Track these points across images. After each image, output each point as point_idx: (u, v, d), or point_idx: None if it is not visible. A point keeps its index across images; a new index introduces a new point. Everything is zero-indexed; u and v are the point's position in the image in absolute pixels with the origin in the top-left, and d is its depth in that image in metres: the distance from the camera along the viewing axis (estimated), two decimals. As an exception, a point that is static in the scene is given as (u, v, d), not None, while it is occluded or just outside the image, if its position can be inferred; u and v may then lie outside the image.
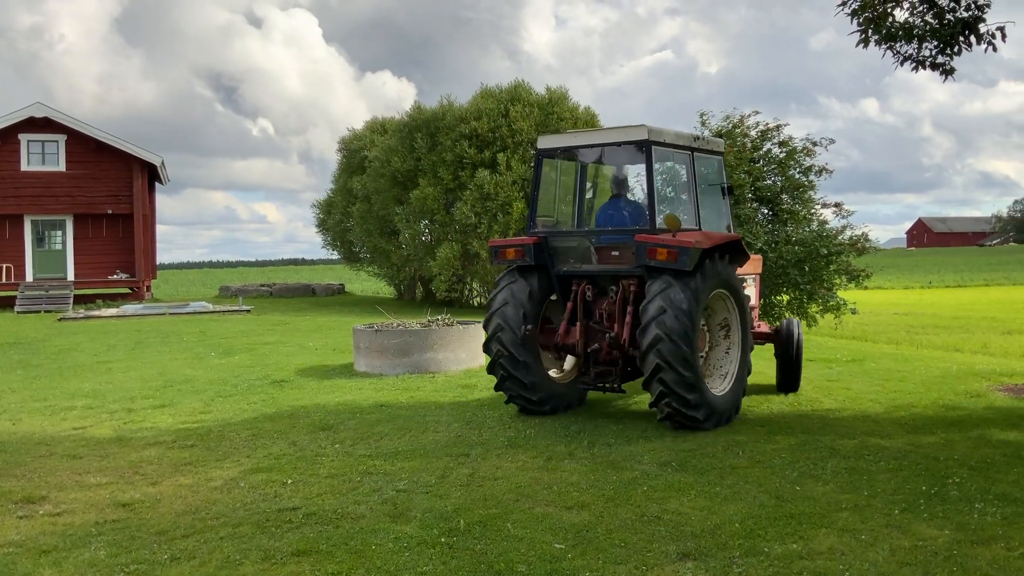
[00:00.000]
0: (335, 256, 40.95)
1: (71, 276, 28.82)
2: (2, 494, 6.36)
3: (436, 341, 12.22)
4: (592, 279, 9.13)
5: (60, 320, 22.42)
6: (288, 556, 4.96)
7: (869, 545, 5.09)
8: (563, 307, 9.18)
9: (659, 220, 8.69)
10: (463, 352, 12.46)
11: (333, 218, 37.40)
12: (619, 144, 9.07)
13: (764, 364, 11.48)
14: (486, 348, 9.17)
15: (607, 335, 8.80)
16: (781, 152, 19.66)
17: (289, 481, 6.59)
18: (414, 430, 8.42)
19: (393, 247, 30.94)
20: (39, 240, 29.09)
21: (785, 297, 19.33)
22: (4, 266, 28.24)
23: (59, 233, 29.18)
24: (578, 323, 9.03)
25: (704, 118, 20.21)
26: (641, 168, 9.70)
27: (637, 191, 10.68)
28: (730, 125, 19.86)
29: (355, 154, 35.00)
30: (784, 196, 19.30)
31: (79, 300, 27.81)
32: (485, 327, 9.14)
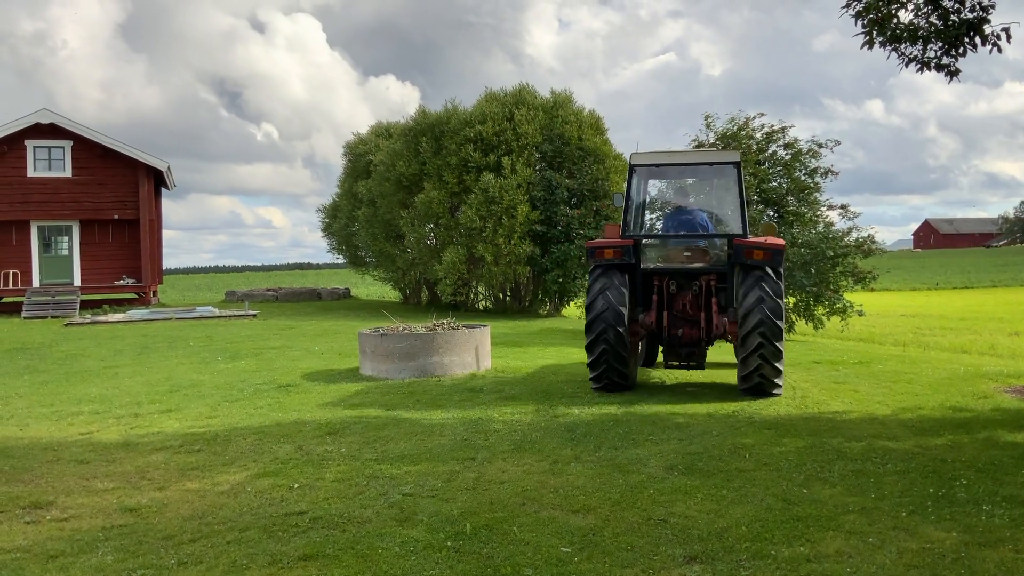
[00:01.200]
0: (341, 260, 41.02)
1: (78, 282, 28.91)
2: (9, 499, 6.37)
3: (442, 345, 12.22)
4: (673, 275, 10.86)
5: (67, 326, 22.48)
6: (295, 560, 4.96)
7: (876, 548, 5.08)
8: (644, 300, 10.89)
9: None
10: (468, 356, 12.46)
11: (339, 222, 37.45)
12: (711, 164, 11.59)
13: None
14: (591, 347, 10.49)
15: (694, 322, 10.74)
16: (787, 154, 19.63)
17: (295, 485, 6.60)
18: (420, 434, 8.42)
19: (398, 251, 30.97)
20: (46, 246, 29.18)
21: (791, 300, 19.29)
22: (11, 272, 28.34)
23: (65, 239, 29.27)
24: (664, 312, 10.81)
25: (709, 121, 20.19)
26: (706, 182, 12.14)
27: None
28: (735, 127, 19.83)
29: (360, 158, 35.06)
30: (790, 198, 19.27)
31: (86, 305, 27.88)
32: (589, 327, 10.48)
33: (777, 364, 10.07)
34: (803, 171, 19.45)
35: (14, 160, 28.13)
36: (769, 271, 10.19)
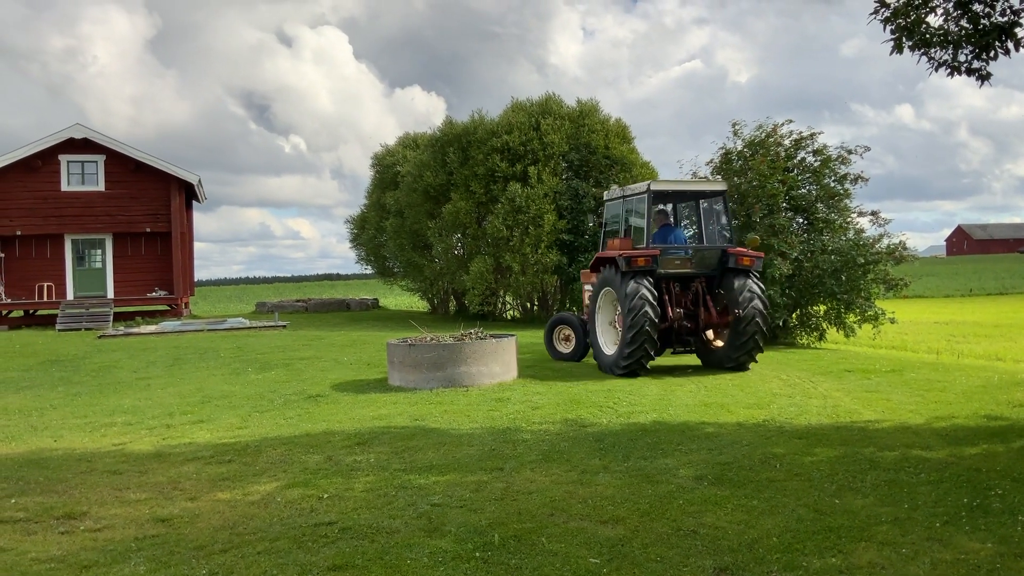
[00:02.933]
0: (369, 271, 41.25)
1: (111, 294, 29.30)
2: (44, 510, 6.47)
3: (470, 355, 12.24)
4: (677, 278, 13.65)
5: (100, 337, 22.79)
6: (324, 571, 4.98)
7: (910, 559, 5.01)
8: (659, 300, 13.26)
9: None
10: (496, 366, 12.47)
11: (367, 233, 37.67)
12: (708, 191, 14.33)
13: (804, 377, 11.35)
14: (632, 337, 12.76)
15: (693, 316, 13.65)
16: (816, 160, 19.46)
17: (325, 496, 6.63)
18: (448, 444, 8.43)
19: (426, 261, 31.08)
20: (79, 259, 29.61)
21: (822, 307, 19.10)
22: (45, 284, 28.79)
23: (99, 252, 29.70)
24: (673, 308, 13.53)
25: (736, 128, 20.08)
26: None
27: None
28: (763, 135, 19.70)
29: (388, 169, 35.27)
30: (819, 205, 19.08)
31: (119, 317, 28.25)
32: (632, 318, 12.73)
33: (761, 344, 13.43)
34: (832, 177, 19.27)
35: (48, 175, 28.61)
36: (755, 273, 13.53)
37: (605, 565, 5.01)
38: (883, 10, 8.19)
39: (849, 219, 19.21)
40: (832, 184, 19.24)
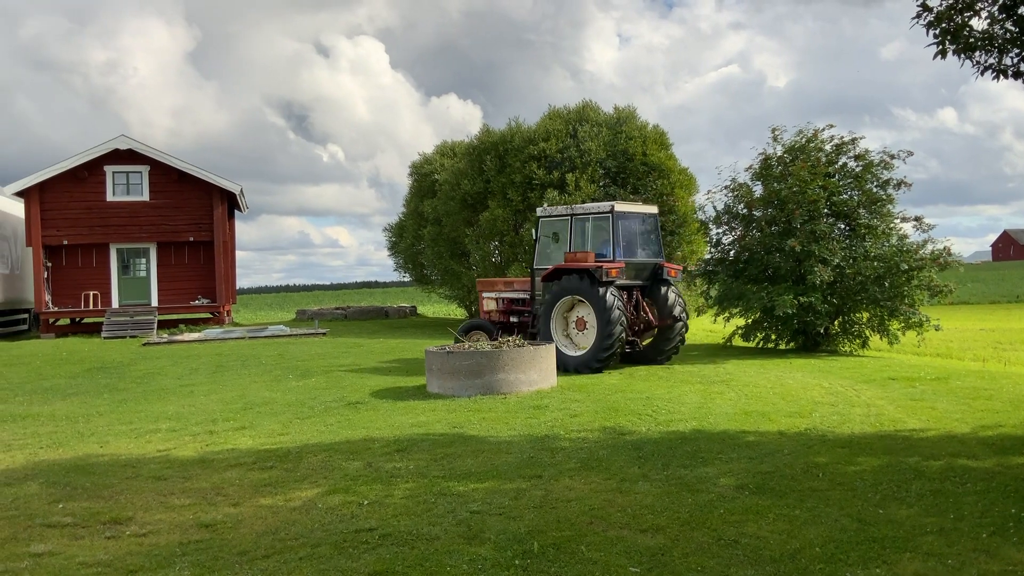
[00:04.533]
0: (407, 278, 41.46)
1: (155, 302, 29.76)
2: (91, 515, 6.59)
3: (507, 362, 12.26)
4: (624, 288, 15.55)
5: (144, 345, 23.17)
6: (365, 577, 5.02)
7: (956, 570, 4.92)
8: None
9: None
10: (534, 373, 12.47)
11: (405, 241, 37.88)
12: (649, 215, 16.42)
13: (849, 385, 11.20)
14: (610, 341, 14.55)
15: (644, 320, 15.84)
16: (858, 166, 19.22)
17: (365, 502, 6.68)
18: (487, 451, 8.44)
19: (464, 268, 31.17)
20: (124, 268, 30.13)
21: (864, 314, 18.84)
22: (91, 293, 29.34)
23: (143, 261, 30.19)
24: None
25: (776, 133, 19.91)
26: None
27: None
28: (804, 140, 19.51)
29: (425, 178, 35.45)
30: (861, 210, 18.84)
31: (162, 325, 28.70)
32: (609, 321, 14.53)
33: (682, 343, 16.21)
34: (875, 183, 19.01)
35: (94, 185, 29.16)
36: (676, 284, 16.29)
37: (645, 574, 4.99)
38: (926, 14, 8.07)
39: (892, 225, 18.94)
40: (874, 189, 18.99)
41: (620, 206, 15.60)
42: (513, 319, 16.97)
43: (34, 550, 5.73)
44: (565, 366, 14.70)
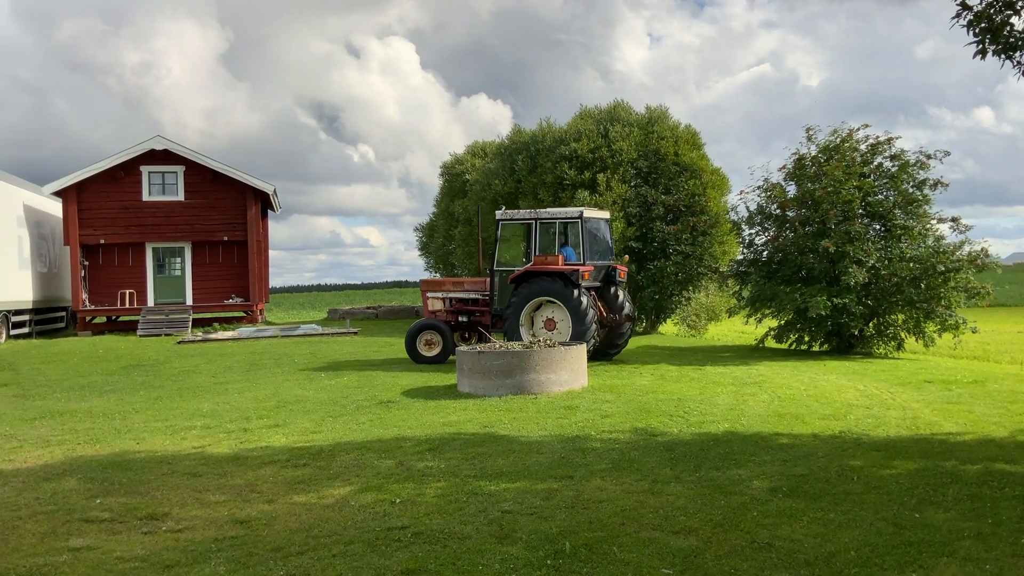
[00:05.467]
0: (438, 278, 41.57)
1: (189, 301, 30.11)
2: (128, 510, 6.69)
3: (538, 362, 12.25)
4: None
5: (179, 343, 23.46)
6: (398, 574, 5.05)
7: (993, 575, 4.85)
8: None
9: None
10: (565, 373, 12.45)
11: (436, 241, 38.03)
12: (605, 220, 17.39)
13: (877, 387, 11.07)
14: (586, 336, 15.39)
15: (604, 319, 16.63)
16: (893, 166, 18.99)
17: (397, 500, 6.71)
18: (518, 451, 8.45)
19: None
20: (159, 267, 30.53)
21: (900, 316, 18.61)
22: (127, 291, 29.75)
23: (178, 260, 30.57)
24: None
25: (810, 133, 19.72)
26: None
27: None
28: (838, 139, 19.31)
29: (456, 178, 35.57)
30: (897, 211, 18.61)
31: (197, 324, 29.04)
32: (584, 322, 15.56)
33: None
34: (911, 183, 18.77)
35: (130, 185, 29.57)
36: (623, 284, 17.17)
37: (678, 576, 4.96)
38: (965, 13, 7.96)
39: (928, 226, 18.69)
40: (910, 190, 18.75)
41: (588, 212, 16.62)
42: (462, 319, 17.51)
43: (73, 544, 5.82)
44: None
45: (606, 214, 17.73)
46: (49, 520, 6.46)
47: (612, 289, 16.89)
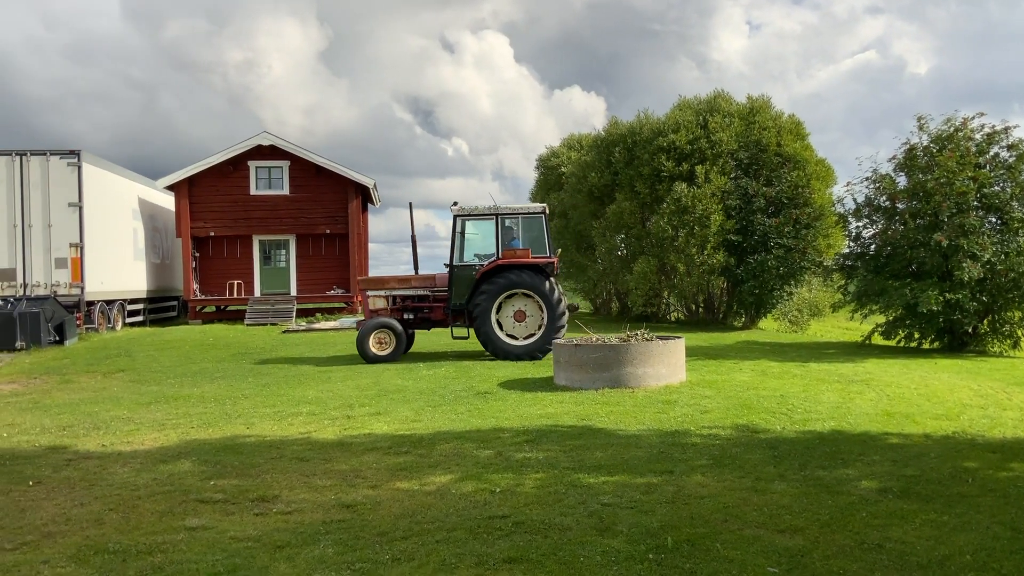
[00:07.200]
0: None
1: (294, 291, 31.03)
2: (240, 492, 6.95)
3: (635, 356, 12.17)
4: None
5: (284, 332, 24.21)
6: (500, 563, 5.10)
7: None
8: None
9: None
10: (663, 367, 12.33)
11: (531, 234, 38.06)
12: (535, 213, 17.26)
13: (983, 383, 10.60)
14: (561, 325, 16.30)
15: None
16: (1010, 156, 18.09)
17: (497, 490, 6.78)
18: (616, 445, 8.42)
19: (589, 262, 31.11)
20: (266, 258, 31.55)
21: (1017, 313, 17.75)
22: (235, 282, 30.86)
23: (283, 252, 31.54)
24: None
25: (922, 122, 18.97)
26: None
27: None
28: (951, 129, 18.52)
29: (552, 171, 35.57)
30: (1014, 203, 17.73)
31: (300, 314, 29.93)
32: (558, 312, 16.31)
33: None
34: (1030, 174, 17.86)
35: (239, 180, 30.64)
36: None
37: (784, 575, 4.86)
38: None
39: (1050, 219, 17.76)
40: (1030, 181, 17.85)
41: (542, 206, 17.24)
42: (408, 316, 17.41)
43: (189, 523, 6.09)
44: (507, 354, 16.31)
45: (538, 207, 17.56)
46: (166, 500, 6.77)
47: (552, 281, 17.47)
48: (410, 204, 18.47)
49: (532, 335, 16.50)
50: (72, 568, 5.20)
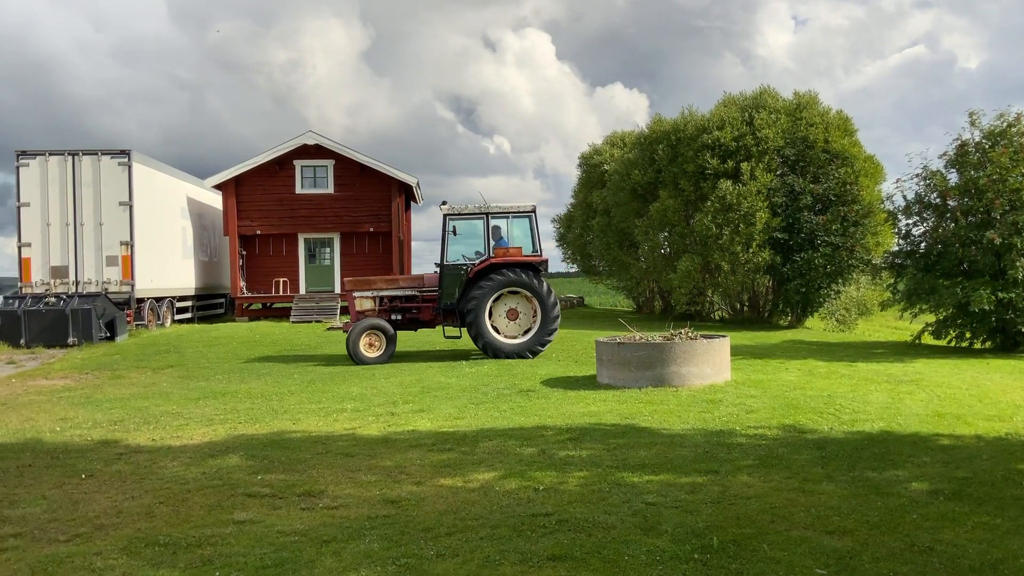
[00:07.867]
0: (574, 269, 41.66)
1: (338, 289, 31.35)
2: (287, 486, 7.04)
3: (679, 355, 12.08)
4: None
5: (329, 330, 24.45)
6: (544, 560, 5.10)
7: None
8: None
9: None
10: (707, 367, 12.23)
11: (573, 232, 38.07)
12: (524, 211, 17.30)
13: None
14: (555, 322, 16.54)
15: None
16: (1067, 151, 17.62)
17: (540, 488, 6.78)
18: (660, 444, 8.37)
19: (632, 260, 30.97)
20: (311, 256, 31.92)
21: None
22: (281, 280, 31.26)
23: (328, 250, 31.87)
24: None
25: (974, 118, 18.55)
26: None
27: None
28: (1005, 124, 18.09)
29: (594, 168, 35.47)
30: (1071, 200, 17.27)
31: (344, 311, 30.20)
32: (553, 310, 16.46)
33: None
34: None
35: (284, 179, 31.03)
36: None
37: (832, 577, 4.80)
38: None
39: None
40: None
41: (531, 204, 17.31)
42: (396, 317, 17.35)
43: (237, 517, 6.18)
44: (496, 352, 16.40)
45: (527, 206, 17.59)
46: (215, 494, 6.87)
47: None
48: (441, 208, 18.17)
49: (526, 333, 16.61)
50: (123, 560, 5.31)
